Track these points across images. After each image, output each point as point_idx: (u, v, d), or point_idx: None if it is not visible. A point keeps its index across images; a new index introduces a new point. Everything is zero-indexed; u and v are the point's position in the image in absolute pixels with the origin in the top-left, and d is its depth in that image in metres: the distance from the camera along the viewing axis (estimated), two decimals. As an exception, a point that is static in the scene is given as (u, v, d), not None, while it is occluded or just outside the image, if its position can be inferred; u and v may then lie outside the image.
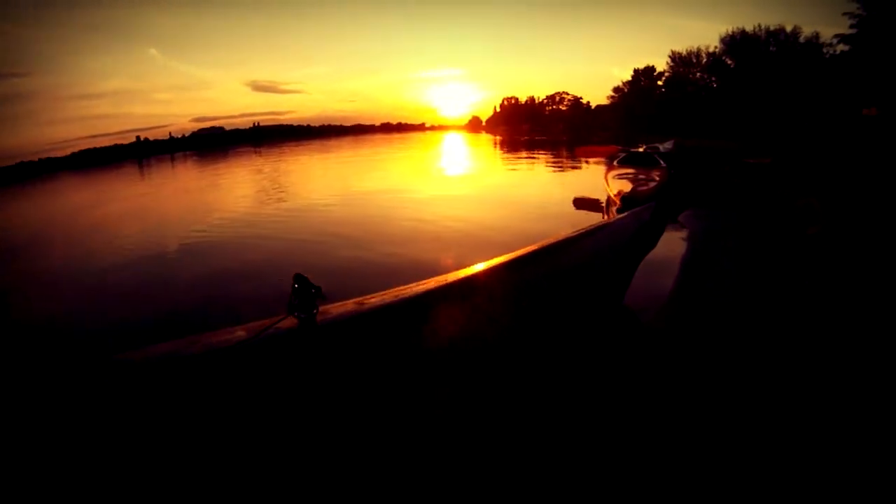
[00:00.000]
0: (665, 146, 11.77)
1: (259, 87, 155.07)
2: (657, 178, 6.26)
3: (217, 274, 4.26)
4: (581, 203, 6.43)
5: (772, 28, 26.13)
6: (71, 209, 10.62)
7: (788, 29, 25.58)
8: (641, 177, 6.33)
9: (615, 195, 5.32)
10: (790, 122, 20.30)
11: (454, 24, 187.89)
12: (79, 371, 0.97)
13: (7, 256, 6.06)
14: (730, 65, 27.92)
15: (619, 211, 4.64)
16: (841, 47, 21.61)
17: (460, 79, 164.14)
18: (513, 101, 61.51)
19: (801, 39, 25.14)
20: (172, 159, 30.16)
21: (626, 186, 5.58)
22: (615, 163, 7.98)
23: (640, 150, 9.10)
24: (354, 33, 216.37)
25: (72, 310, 3.64)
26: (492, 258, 1.72)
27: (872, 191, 6.65)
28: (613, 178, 6.43)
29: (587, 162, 13.73)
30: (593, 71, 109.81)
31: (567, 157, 14.90)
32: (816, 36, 24.68)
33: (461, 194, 9.05)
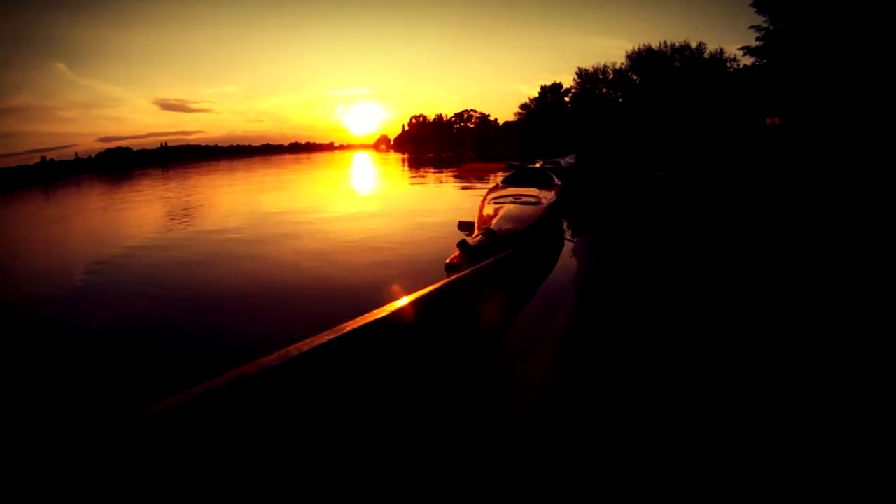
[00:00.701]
0: (567, 160, 10.79)
1: (167, 106, 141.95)
2: (545, 200, 4.77)
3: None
4: (466, 227, 4.85)
5: (677, 45, 25.24)
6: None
7: (693, 45, 24.68)
8: (526, 198, 4.84)
9: (475, 232, 3.56)
10: (696, 134, 19.78)
11: (363, 44, 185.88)
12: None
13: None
14: (635, 80, 26.49)
15: (448, 268, 2.80)
16: (746, 60, 20.65)
17: (369, 97, 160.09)
18: (421, 119, 59.19)
19: (706, 55, 24.18)
20: (79, 182, 27.24)
21: (500, 214, 3.93)
22: (500, 182, 6.34)
23: (537, 165, 7.80)
24: (264, 53, 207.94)
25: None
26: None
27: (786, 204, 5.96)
28: (490, 202, 4.88)
29: (496, 175, 11.72)
30: (501, 89, 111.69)
31: (473, 175, 13.36)
32: (720, 51, 24.01)
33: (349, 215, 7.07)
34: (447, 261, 2.96)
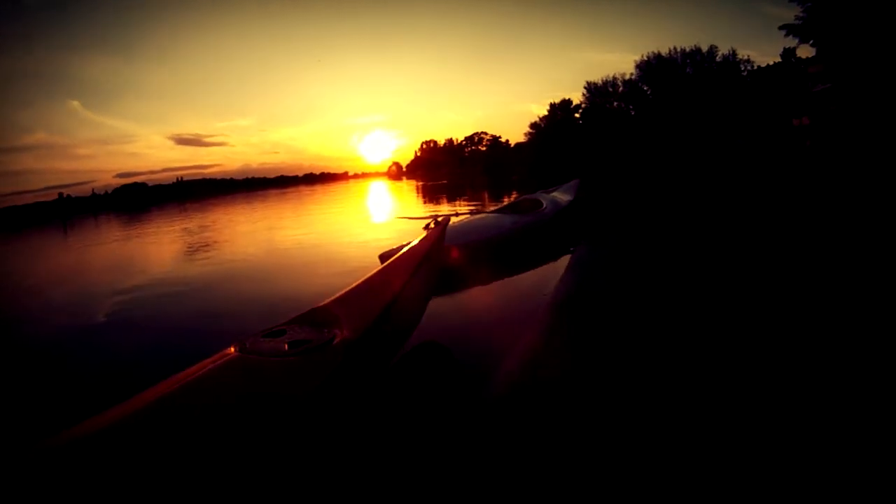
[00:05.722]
0: (558, 196, 6.48)
1: (182, 141, 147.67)
2: None
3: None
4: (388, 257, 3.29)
5: (687, 49, 24.14)
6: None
7: (704, 49, 23.55)
8: None
9: None
10: (718, 143, 18.28)
11: (374, 71, 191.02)
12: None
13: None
14: (647, 91, 25.40)
15: None
16: (761, 62, 19.40)
17: (382, 125, 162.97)
18: (431, 145, 58.97)
19: (718, 58, 23.00)
20: (96, 218, 27.71)
21: None
22: None
23: (432, 223, 3.00)
24: (275, 85, 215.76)
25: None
26: None
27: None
28: None
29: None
30: (512, 110, 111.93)
31: (490, 201, 12.15)
32: (733, 53, 22.71)
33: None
34: None
